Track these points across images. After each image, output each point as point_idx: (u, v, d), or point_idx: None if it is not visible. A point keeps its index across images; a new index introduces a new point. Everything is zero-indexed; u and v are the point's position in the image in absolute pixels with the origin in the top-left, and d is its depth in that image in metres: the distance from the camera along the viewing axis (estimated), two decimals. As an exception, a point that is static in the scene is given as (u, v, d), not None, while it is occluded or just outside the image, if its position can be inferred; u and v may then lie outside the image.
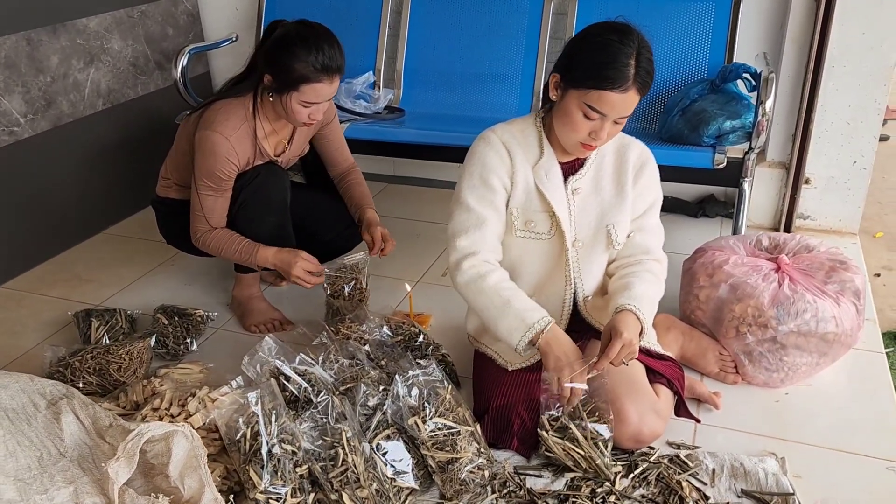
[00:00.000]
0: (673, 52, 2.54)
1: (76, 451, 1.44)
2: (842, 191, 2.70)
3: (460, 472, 1.56)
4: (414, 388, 1.65)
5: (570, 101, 1.57)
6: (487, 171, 1.69)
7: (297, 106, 1.95)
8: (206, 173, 2.00)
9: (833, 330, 1.82)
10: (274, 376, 1.72)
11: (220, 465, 1.55)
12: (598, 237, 1.75)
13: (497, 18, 2.76)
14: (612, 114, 1.54)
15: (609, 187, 1.74)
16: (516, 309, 1.64)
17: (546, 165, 1.70)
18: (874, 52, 2.47)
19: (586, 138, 1.60)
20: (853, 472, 1.64)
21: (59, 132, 2.70)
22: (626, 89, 1.52)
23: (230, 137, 1.97)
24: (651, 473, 1.60)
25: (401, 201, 3.10)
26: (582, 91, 1.54)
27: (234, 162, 2.01)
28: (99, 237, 2.91)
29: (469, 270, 1.68)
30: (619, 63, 1.50)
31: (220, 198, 2.05)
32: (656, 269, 1.75)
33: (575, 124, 1.58)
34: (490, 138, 1.72)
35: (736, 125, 2.29)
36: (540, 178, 1.69)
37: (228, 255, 2.09)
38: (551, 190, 1.69)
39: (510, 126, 1.74)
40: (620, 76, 1.51)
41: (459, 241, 1.70)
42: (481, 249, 1.69)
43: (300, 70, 1.90)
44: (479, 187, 1.70)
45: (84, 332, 2.14)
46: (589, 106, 1.54)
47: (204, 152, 1.98)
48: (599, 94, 1.52)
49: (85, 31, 2.73)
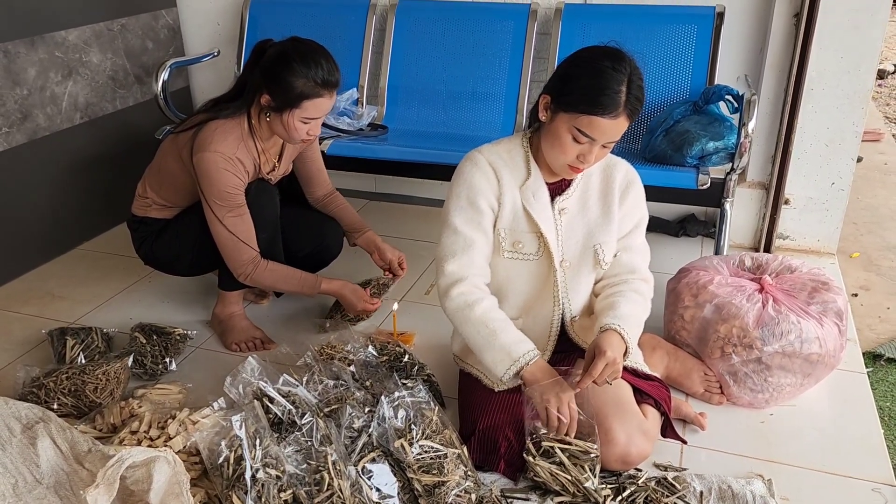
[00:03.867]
0: (656, 72, 2.56)
1: (53, 477, 1.40)
2: (820, 211, 2.74)
3: (447, 496, 1.53)
4: (400, 410, 1.63)
5: (560, 124, 1.57)
6: (475, 192, 1.68)
7: (297, 123, 1.94)
8: (217, 195, 1.96)
9: (817, 350, 1.83)
10: (257, 398, 1.68)
11: (202, 489, 1.51)
12: (584, 257, 1.74)
13: (481, 37, 2.76)
14: (601, 139, 1.55)
15: (595, 207, 1.75)
16: (502, 342, 1.64)
17: (533, 186, 1.70)
18: (851, 75, 2.51)
19: (574, 161, 1.60)
20: (839, 494, 1.64)
21: (35, 146, 2.64)
22: (617, 115, 1.52)
23: (229, 154, 1.94)
24: (639, 496, 1.59)
25: (383, 218, 3.08)
26: (573, 115, 1.55)
27: (240, 176, 1.98)
28: (74, 253, 2.85)
29: (457, 298, 1.67)
30: (611, 90, 1.51)
31: (244, 215, 2.01)
32: (643, 289, 1.75)
33: (564, 147, 1.58)
34: (477, 159, 1.71)
35: (719, 146, 2.31)
36: (527, 199, 1.69)
37: (284, 288, 2.14)
38: (538, 210, 1.69)
39: (497, 146, 1.74)
40: (612, 103, 1.51)
41: (448, 265, 1.69)
42: (469, 274, 1.68)
43: (301, 87, 1.89)
44: (467, 209, 1.69)
45: (58, 351, 2.08)
46: (579, 130, 1.55)
47: (208, 175, 1.94)
48: (590, 119, 1.53)
49: (63, 43, 2.69)
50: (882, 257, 2.99)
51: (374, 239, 2.29)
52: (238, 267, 2.03)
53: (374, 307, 2.20)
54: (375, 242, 2.28)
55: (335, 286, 2.15)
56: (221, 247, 2.02)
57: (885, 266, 2.92)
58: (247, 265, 2.03)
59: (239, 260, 2.02)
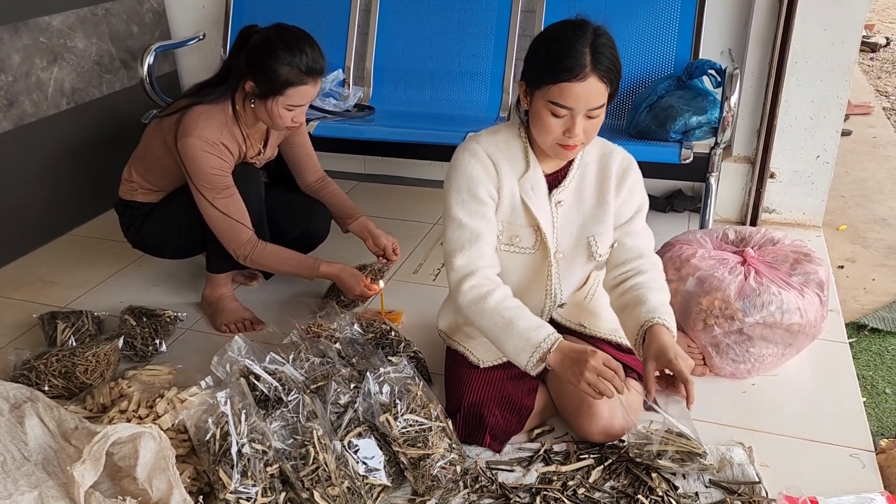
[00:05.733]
0: (640, 48, 2.57)
1: (41, 454, 1.42)
2: (806, 185, 2.75)
3: (432, 468, 1.56)
4: (385, 385, 1.65)
5: (538, 103, 1.55)
6: (475, 184, 1.64)
7: (282, 110, 1.94)
8: (204, 178, 1.96)
9: (797, 321, 1.86)
10: (244, 376, 1.70)
11: (190, 466, 1.53)
12: (578, 249, 1.72)
13: (466, 16, 2.76)
14: (577, 105, 1.50)
15: (590, 198, 1.71)
16: (520, 329, 1.58)
17: (532, 178, 1.66)
18: (835, 48, 2.52)
19: (561, 138, 1.55)
20: (818, 459, 1.67)
21: (22, 132, 2.65)
22: (584, 77, 1.48)
23: (213, 139, 1.95)
24: (621, 466, 1.62)
25: (371, 199, 3.09)
26: (544, 89, 1.52)
27: (224, 159, 1.98)
28: (63, 239, 2.87)
29: (469, 292, 1.63)
30: (572, 52, 1.48)
31: (234, 195, 2.01)
32: (660, 277, 1.72)
33: (546, 125, 1.54)
34: (475, 150, 1.66)
35: (702, 121, 2.32)
36: (525, 192, 1.66)
37: (283, 269, 2.12)
38: (536, 203, 1.66)
39: (494, 136, 1.69)
40: (575, 65, 1.47)
41: (457, 259, 1.64)
42: (479, 266, 1.64)
43: (285, 74, 1.88)
44: (469, 202, 1.64)
45: (49, 334, 2.10)
46: (553, 103, 1.51)
47: (193, 159, 1.95)
48: (559, 87, 1.49)
49: (48, 29, 2.68)
50: (869, 230, 3.01)
51: (368, 225, 2.28)
52: (237, 248, 2.04)
53: (373, 292, 2.18)
54: (369, 228, 2.27)
55: (334, 269, 2.14)
56: (216, 230, 2.03)
57: (872, 238, 2.94)
58: (245, 245, 2.03)
59: (237, 241, 2.03)
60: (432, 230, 2.82)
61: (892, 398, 2.02)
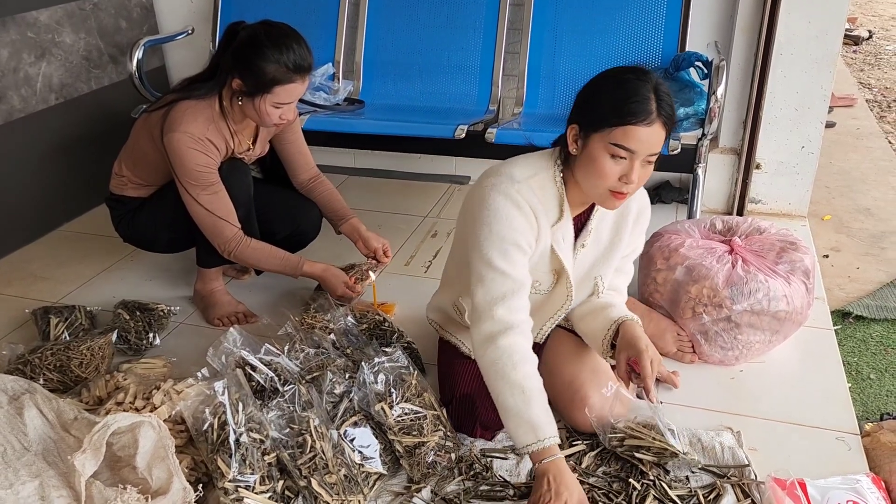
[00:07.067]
0: (627, 40, 2.59)
1: (41, 445, 1.43)
2: (791, 175, 2.79)
3: (427, 455, 1.58)
4: (380, 375, 1.67)
5: (595, 146, 1.48)
6: (518, 234, 1.56)
7: (269, 108, 1.93)
8: (189, 174, 1.96)
9: (784, 308, 1.89)
10: (240, 366, 1.72)
11: (188, 456, 1.55)
12: (584, 286, 1.74)
13: (455, 9, 2.77)
14: (640, 150, 1.45)
15: (605, 239, 1.71)
16: (532, 415, 1.50)
17: (564, 227, 1.63)
18: (819, 40, 2.55)
19: (616, 184, 1.49)
20: (805, 443, 1.71)
21: (11, 128, 2.64)
22: (651, 122, 1.44)
23: (199, 135, 1.94)
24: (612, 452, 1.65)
25: (362, 193, 3.10)
26: (606, 131, 1.45)
27: (210, 155, 1.97)
28: (56, 234, 2.86)
29: (502, 349, 1.53)
30: (640, 96, 1.44)
31: (219, 192, 2.00)
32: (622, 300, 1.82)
33: (603, 170, 1.47)
34: (518, 201, 1.56)
35: (689, 112, 2.35)
36: (557, 241, 1.63)
37: (267, 267, 2.13)
38: (565, 251, 1.65)
39: (529, 181, 1.58)
40: (644, 109, 1.43)
41: (498, 310, 1.55)
42: (518, 321, 1.56)
43: (272, 72, 1.87)
44: (513, 251, 1.56)
45: (43, 329, 2.11)
46: (616, 145, 1.45)
47: (178, 155, 1.94)
48: (625, 129, 1.44)
49: (35, 24, 2.67)
50: (853, 219, 3.06)
51: (358, 227, 2.26)
52: (222, 244, 2.04)
53: (355, 294, 2.18)
54: (359, 231, 2.25)
55: (318, 269, 2.14)
56: (201, 225, 2.03)
57: (856, 228, 2.98)
58: (229, 242, 2.04)
59: (222, 237, 2.03)
60: (422, 223, 2.83)
61: (876, 383, 2.06)
